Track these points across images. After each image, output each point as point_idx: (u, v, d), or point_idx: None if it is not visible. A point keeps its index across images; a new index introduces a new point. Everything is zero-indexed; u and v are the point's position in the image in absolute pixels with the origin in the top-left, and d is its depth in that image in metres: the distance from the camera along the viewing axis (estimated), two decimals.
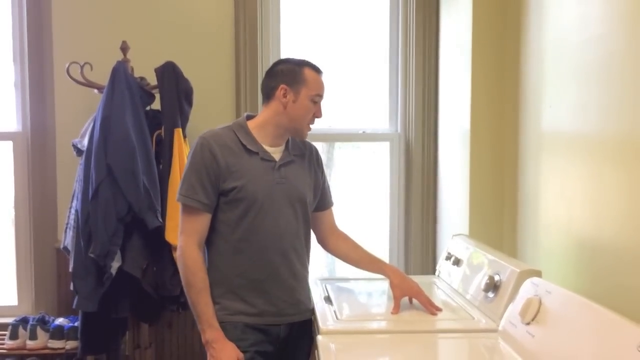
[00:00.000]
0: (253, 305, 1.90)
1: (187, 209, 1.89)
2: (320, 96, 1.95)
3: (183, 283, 1.89)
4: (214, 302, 1.88)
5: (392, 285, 1.97)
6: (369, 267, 2.12)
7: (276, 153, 1.95)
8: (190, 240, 1.87)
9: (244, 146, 1.91)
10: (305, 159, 2.03)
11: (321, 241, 2.15)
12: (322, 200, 2.10)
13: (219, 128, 1.96)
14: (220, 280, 1.90)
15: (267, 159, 1.92)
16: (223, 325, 1.87)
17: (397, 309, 1.89)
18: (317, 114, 1.96)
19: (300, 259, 1.98)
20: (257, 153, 1.91)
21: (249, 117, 2.00)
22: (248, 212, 1.88)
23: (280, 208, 1.91)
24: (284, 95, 1.91)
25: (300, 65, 1.94)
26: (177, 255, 1.90)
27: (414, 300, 1.95)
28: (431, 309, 1.89)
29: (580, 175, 1.85)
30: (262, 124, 1.95)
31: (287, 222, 1.93)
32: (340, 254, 2.16)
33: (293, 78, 1.92)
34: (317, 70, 1.96)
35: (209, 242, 1.93)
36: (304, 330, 1.99)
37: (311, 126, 1.98)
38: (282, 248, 1.92)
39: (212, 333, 1.84)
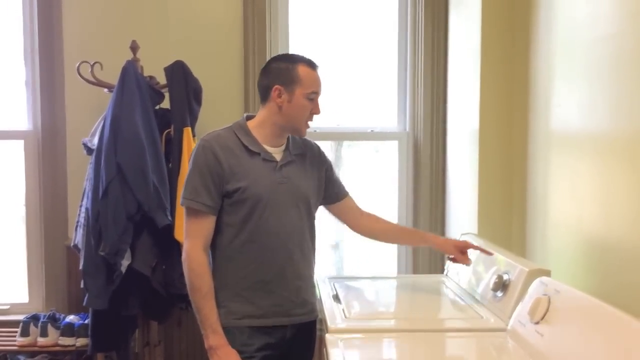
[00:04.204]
0: (259, 307, 1.88)
1: (192, 212, 1.86)
2: (316, 93, 1.90)
3: (188, 287, 1.86)
4: (219, 306, 1.85)
5: (447, 247, 2.11)
6: (411, 239, 2.27)
7: (277, 153, 1.93)
8: (196, 243, 1.84)
9: (246, 147, 1.89)
10: (306, 158, 2.00)
11: (353, 227, 2.14)
12: (336, 191, 2.09)
13: (219, 129, 1.94)
14: (225, 283, 1.88)
15: (269, 159, 1.90)
16: (230, 330, 1.84)
17: (469, 260, 2.07)
18: (315, 110, 1.90)
19: (305, 258, 1.96)
20: (258, 154, 1.89)
21: (249, 118, 1.98)
22: (252, 213, 1.86)
23: (284, 208, 1.89)
24: (279, 96, 1.88)
25: (294, 63, 1.89)
26: (182, 258, 1.87)
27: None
28: (487, 251, 2.04)
29: (590, 174, 1.85)
30: (261, 124, 1.93)
31: (292, 222, 1.91)
32: (377, 234, 2.17)
33: (287, 77, 1.87)
34: (311, 66, 1.90)
35: (213, 245, 1.90)
36: (309, 331, 1.98)
37: (310, 123, 1.94)
38: (287, 248, 1.90)
39: (215, 339, 1.81)
